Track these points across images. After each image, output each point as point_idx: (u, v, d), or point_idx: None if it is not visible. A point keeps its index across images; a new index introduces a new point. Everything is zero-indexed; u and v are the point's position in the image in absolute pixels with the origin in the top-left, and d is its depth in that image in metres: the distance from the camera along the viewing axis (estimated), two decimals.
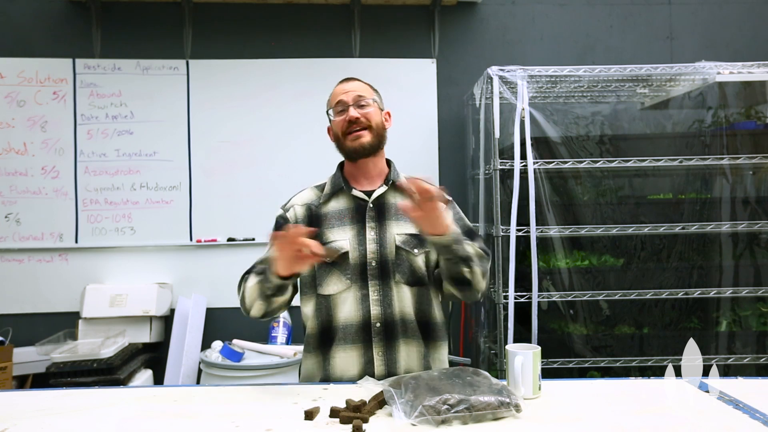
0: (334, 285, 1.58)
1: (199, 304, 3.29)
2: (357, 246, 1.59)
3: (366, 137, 1.61)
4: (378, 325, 1.57)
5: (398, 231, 1.61)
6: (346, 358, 1.57)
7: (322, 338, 1.60)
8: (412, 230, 1.61)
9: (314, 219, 1.63)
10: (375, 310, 1.57)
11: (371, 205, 1.63)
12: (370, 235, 1.60)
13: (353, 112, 1.61)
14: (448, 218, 1.45)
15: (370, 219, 1.61)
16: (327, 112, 1.70)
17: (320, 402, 1.32)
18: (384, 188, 1.65)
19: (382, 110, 1.69)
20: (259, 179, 3.42)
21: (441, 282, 1.64)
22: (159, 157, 3.41)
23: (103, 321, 3.16)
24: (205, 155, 3.43)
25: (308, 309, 1.63)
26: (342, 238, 1.60)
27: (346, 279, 1.57)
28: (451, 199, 1.66)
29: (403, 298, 1.58)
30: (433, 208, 1.37)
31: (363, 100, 1.63)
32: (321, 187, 1.70)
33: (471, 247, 1.54)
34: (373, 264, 1.58)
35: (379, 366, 1.56)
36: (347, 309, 1.58)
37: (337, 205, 1.64)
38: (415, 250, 1.60)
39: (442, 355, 1.66)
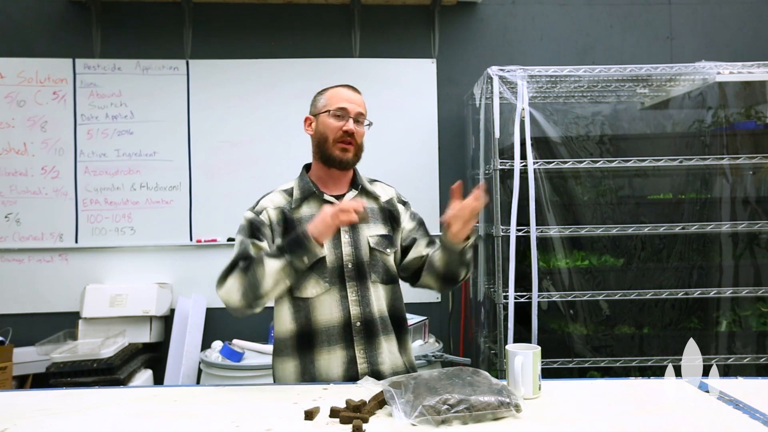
0: (313, 288, 1.61)
1: (199, 304, 3.29)
2: (333, 249, 1.63)
3: (350, 153, 1.67)
4: (358, 324, 1.62)
5: (370, 233, 1.67)
6: (329, 360, 1.60)
7: (301, 341, 1.62)
8: (383, 231, 1.70)
9: (288, 223, 1.65)
10: (354, 310, 1.62)
11: None
12: (345, 238, 1.65)
13: (352, 125, 1.66)
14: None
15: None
16: (317, 105, 1.71)
17: (320, 402, 1.32)
18: (354, 193, 1.71)
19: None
20: (259, 179, 3.41)
21: (414, 275, 1.73)
22: (159, 157, 3.41)
23: (103, 321, 3.16)
24: (205, 155, 3.43)
25: (284, 313, 1.64)
26: None
27: (325, 282, 1.61)
28: (407, 201, 1.81)
29: (380, 297, 1.65)
30: (473, 217, 1.53)
31: (362, 118, 1.70)
32: (289, 192, 1.72)
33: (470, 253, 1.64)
34: (350, 266, 1.63)
35: (361, 364, 1.60)
36: (327, 311, 1.61)
37: (310, 209, 1.67)
38: (387, 250, 1.69)
39: (409, 345, 1.73)
